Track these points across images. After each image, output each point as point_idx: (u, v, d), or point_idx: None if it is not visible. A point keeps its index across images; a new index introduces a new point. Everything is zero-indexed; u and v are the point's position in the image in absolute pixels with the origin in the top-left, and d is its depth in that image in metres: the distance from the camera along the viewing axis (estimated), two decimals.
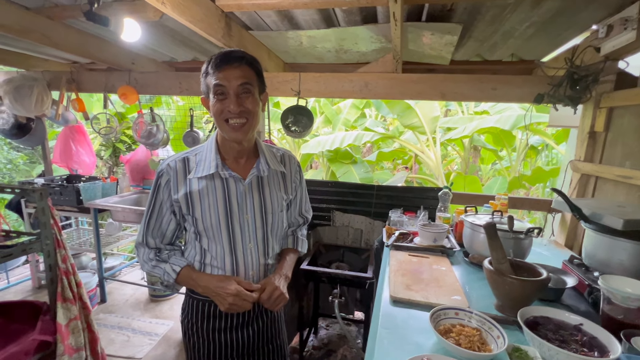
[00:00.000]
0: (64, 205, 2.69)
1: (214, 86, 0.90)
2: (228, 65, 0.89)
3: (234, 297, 0.92)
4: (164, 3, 1.27)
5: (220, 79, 0.89)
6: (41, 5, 1.75)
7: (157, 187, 0.98)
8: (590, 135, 1.69)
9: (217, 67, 0.89)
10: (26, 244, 1.25)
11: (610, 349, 0.74)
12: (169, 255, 1.02)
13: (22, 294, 2.80)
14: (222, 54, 0.91)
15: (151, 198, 0.99)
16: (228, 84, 0.89)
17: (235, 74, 0.89)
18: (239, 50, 0.93)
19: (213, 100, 0.91)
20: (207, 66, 0.92)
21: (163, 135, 2.75)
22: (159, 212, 0.99)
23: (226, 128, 0.93)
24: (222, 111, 0.91)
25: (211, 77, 0.90)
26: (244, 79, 0.90)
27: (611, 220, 1.01)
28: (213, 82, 0.89)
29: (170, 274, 0.98)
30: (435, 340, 0.85)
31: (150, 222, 1.00)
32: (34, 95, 2.53)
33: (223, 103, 0.90)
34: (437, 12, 1.60)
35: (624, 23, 1.28)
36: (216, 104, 0.91)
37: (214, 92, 0.90)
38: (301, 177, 1.16)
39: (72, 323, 1.34)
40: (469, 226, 1.39)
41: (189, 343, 1.05)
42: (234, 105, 0.89)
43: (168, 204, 0.98)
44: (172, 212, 1.00)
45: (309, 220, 1.25)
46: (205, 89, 0.94)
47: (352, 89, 2.19)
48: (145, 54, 2.55)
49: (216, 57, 0.91)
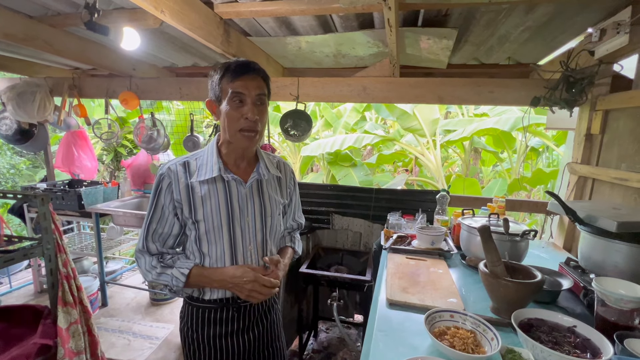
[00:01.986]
0: (65, 209, 2.71)
1: (232, 93, 0.92)
2: (247, 75, 0.93)
3: (252, 284, 0.95)
4: (163, 11, 1.29)
5: (240, 87, 0.92)
6: (44, 14, 1.79)
7: (158, 191, 0.97)
8: (586, 138, 1.70)
9: (236, 75, 0.92)
10: (28, 249, 1.27)
11: (603, 351, 0.74)
12: (174, 260, 1.00)
13: (24, 298, 2.82)
14: (240, 63, 0.94)
15: (152, 202, 0.98)
16: (247, 92, 0.93)
17: (253, 84, 0.94)
18: (255, 63, 0.96)
19: (226, 107, 0.93)
20: (222, 72, 0.94)
21: (164, 139, 2.78)
22: (161, 216, 0.98)
23: (238, 136, 0.95)
24: (238, 118, 0.93)
25: (229, 84, 0.92)
26: (261, 90, 0.95)
27: (606, 223, 1.01)
28: (232, 89, 0.92)
29: (179, 277, 0.95)
30: (430, 342, 0.85)
31: (151, 226, 0.98)
32: (37, 101, 2.57)
33: (239, 110, 0.93)
34: (433, 18, 1.62)
35: (616, 27, 1.29)
36: (231, 111, 0.93)
37: (230, 98, 0.93)
38: (295, 184, 1.19)
39: (73, 327, 1.36)
40: (466, 229, 1.40)
41: (189, 350, 1.05)
42: (251, 114, 0.93)
43: (170, 207, 0.97)
44: (174, 215, 0.98)
45: (302, 225, 1.29)
46: (217, 93, 0.95)
47: (350, 93, 2.21)
48: (146, 59, 2.59)
49: (235, 65, 0.93)
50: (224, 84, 0.94)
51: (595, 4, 1.36)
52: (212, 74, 0.96)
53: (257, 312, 1.07)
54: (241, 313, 1.04)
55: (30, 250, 1.27)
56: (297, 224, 1.26)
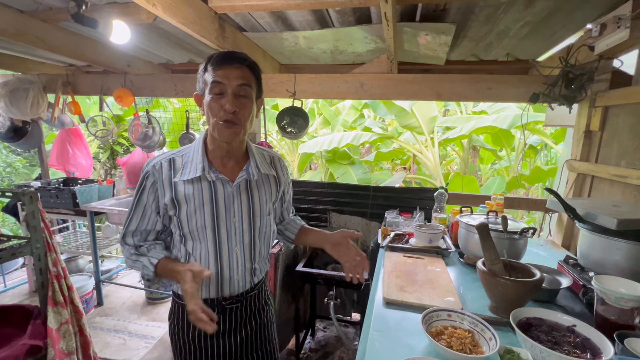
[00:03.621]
0: (60, 208, 2.68)
1: (211, 83, 0.88)
2: (229, 65, 0.88)
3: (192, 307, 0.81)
4: (154, 5, 1.26)
5: (220, 77, 0.87)
6: (35, 8, 1.75)
7: (141, 189, 0.95)
8: (585, 135, 1.68)
9: (217, 64, 0.88)
10: (16, 248, 1.24)
11: (603, 351, 0.73)
12: (148, 249, 0.97)
13: (18, 298, 2.79)
14: (223, 52, 0.90)
15: (134, 199, 0.96)
16: (227, 83, 0.87)
17: (235, 74, 0.88)
18: (241, 53, 0.92)
19: (208, 97, 0.89)
20: (206, 63, 0.90)
21: (159, 137, 2.75)
22: (142, 214, 0.96)
23: (218, 126, 0.90)
24: (217, 109, 0.88)
25: (210, 74, 0.88)
26: (244, 80, 0.89)
27: (605, 220, 1.00)
28: (211, 79, 0.88)
29: (148, 267, 0.94)
30: (427, 342, 0.84)
31: (132, 223, 0.97)
32: (30, 98, 2.53)
33: (219, 102, 0.88)
34: (431, 12, 1.60)
35: (617, 21, 1.27)
36: (211, 102, 0.89)
37: (210, 89, 0.88)
38: (288, 176, 1.16)
39: (63, 327, 1.33)
40: (464, 227, 1.38)
41: (176, 348, 1.03)
42: (229, 105, 0.87)
43: (153, 206, 0.96)
44: (157, 213, 0.97)
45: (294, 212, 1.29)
46: (201, 85, 0.92)
47: (348, 90, 2.18)
48: (141, 56, 2.55)
49: (217, 55, 0.89)
50: (206, 75, 0.90)
51: None
52: (200, 68, 0.93)
53: (245, 314, 1.04)
54: (227, 314, 1.00)
55: (18, 249, 1.24)
56: (292, 211, 1.25)
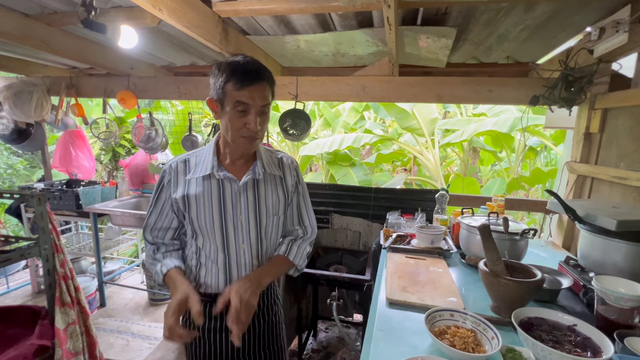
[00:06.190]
0: (63, 209, 2.70)
1: (237, 102, 0.90)
2: (254, 85, 0.90)
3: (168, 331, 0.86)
4: (160, 9, 1.28)
5: (246, 97, 0.90)
6: (40, 12, 1.77)
7: (160, 187, 1.03)
8: (585, 137, 1.70)
9: (242, 83, 0.89)
10: (24, 249, 1.26)
11: (603, 349, 0.74)
12: (164, 255, 1.05)
13: (22, 299, 2.80)
14: (246, 67, 0.90)
15: (153, 197, 1.04)
16: (252, 103, 0.91)
17: (260, 95, 0.91)
18: (261, 67, 0.92)
19: (229, 113, 0.92)
20: (228, 75, 0.89)
21: (162, 139, 2.77)
22: (160, 211, 1.04)
23: (239, 140, 0.95)
24: (239, 125, 0.93)
25: (233, 90, 0.89)
26: (267, 100, 0.94)
27: (605, 221, 1.01)
28: (235, 97, 0.90)
29: (159, 274, 1.01)
30: (431, 341, 0.85)
31: (150, 220, 1.05)
32: (34, 100, 2.55)
33: (243, 119, 0.92)
34: (432, 16, 1.62)
35: (616, 26, 1.29)
36: (233, 118, 0.92)
37: (234, 106, 0.91)
38: (299, 182, 1.13)
39: (71, 327, 1.35)
40: (465, 228, 1.40)
41: (189, 344, 1.06)
42: (253, 124, 0.92)
43: (169, 203, 1.03)
44: (173, 211, 1.04)
45: (309, 233, 1.16)
46: (220, 95, 0.92)
47: (349, 92, 2.20)
48: (144, 59, 2.57)
49: (241, 69, 0.89)
50: (228, 88, 0.89)
51: (594, 2, 1.36)
52: (216, 73, 0.92)
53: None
54: None
55: (27, 250, 1.26)
56: (303, 230, 1.15)
